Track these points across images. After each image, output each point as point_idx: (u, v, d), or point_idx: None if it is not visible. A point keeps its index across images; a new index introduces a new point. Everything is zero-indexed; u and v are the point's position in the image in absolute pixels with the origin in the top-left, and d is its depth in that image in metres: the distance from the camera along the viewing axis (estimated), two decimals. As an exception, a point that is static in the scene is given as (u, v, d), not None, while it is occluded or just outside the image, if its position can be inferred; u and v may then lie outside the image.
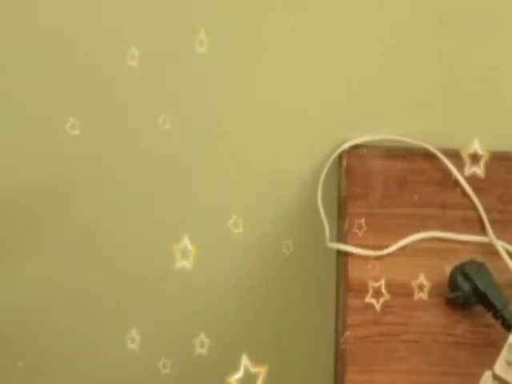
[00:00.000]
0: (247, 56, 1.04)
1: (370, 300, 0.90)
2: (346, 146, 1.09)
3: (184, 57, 1.05)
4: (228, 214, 1.21)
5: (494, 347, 0.79)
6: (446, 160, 1.06)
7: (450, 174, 1.05)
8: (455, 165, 1.05)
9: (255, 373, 0.80)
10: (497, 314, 0.87)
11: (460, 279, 0.90)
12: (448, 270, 0.92)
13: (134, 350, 1.44)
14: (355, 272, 0.95)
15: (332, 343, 0.93)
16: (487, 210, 1.01)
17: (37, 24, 1.02)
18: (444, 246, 0.98)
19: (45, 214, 1.24)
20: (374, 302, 0.90)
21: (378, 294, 0.92)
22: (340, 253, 0.98)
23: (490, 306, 0.88)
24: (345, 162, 1.07)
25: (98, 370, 1.48)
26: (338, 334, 0.92)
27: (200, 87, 1.08)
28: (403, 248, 0.98)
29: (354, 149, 1.09)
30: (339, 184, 1.06)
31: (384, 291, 0.90)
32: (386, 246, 0.97)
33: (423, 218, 1.01)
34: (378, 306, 0.90)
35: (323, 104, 1.08)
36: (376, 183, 1.05)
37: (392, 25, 1.00)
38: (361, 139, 1.09)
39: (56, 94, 1.09)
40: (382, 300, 0.90)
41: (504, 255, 0.96)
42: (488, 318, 0.88)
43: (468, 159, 0.89)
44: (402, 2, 0.97)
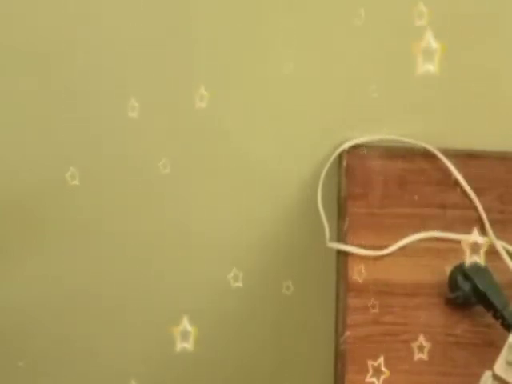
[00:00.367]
0: (247, 56, 1.04)
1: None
2: (346, 146, 1.09)
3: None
4: (228, 214, 1.21)
5: (493, 347, 0.79)
6: (445, 160, 1.06)
7: (450, 174, 1.05)
8: (455, 165, 1.05)
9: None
10: (497, 314, 0.87)
11: (460, 279, 0.90)
12: (448, 269, 0.92)
13: (134, 349, 1.45)
14: (355, 272, 0.95)
15: (332, 343, 0.93)
16: (487, 209, 1.01)
17: (37, 24, 1.02)
18: (444, 245, 0.98)
19: (45, 214, 1.24)
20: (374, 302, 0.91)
21: (377, 295, 0.92)
22: (340, 253, 0.98)
23: (489, 306, 0.88)
24: (345, 162, 1.07)
25: (98, 370, 1.48)
26: (337, 333, 0.92)
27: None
28: (403, 248, 0.98)
29: (354, 149, 1.09)
30: (339, 184, 1.06)
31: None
32: (385, 246, 0.97)
33: (423, 217, 1.01)
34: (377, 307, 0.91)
35: (323, 104, 1.08)
36: (376, 183, 1.05)
37: (392, 25, 1.00)
38: (361, 139, 1.09)
39: (56, 93, 1.09)
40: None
41: (504, 255, 0.96)
42: (488, 318, 0.88)
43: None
44: (402, 2, 0.97)
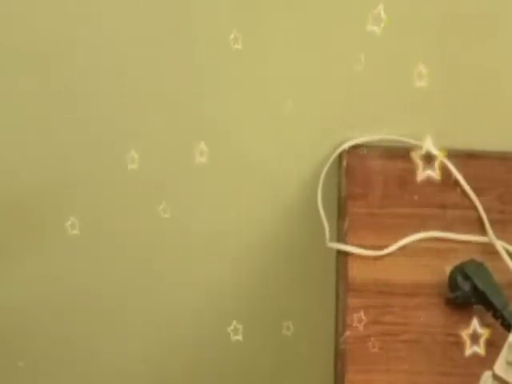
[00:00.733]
0: (248, 56, 1.04)
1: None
2: (346, 145, 1.09)
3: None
4: (228, 214, 1.21)
5: (493, 347, 0.79)
6: (445, 160, 1.06)
7: (450, 174, 1.05)
8: (455, 165, 1.05)
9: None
10: (496, 314, 0.87)
11: (460, 279, 0.90)
12: (448, 269, 0.92)
13: (134, 349, 1.45)
14: (355, 272, 0.95)
15: (332, 343, 0.93)
16: (487, 209, 1.01)
17: (37, 24, 1.02)
18: (444, 245, 0.98)
19: (45, 214, 1.24)
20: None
21: (377, 295, 0.92)
22: (340, 253, 0.98)
23: (489, 306, 0.88)
24: (345, 162, 1.07)
25: (98, 370, 1.48)
26: (337, 333, 0.92)
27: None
28: (403, 248, 0.98)
29: (354, 149, 1.09)
30: (339, 184, 1.06)
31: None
32: (385, 246, 0.97)
33: (423, 217, 1.01)
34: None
35: (323, 104, 1.08)
36: (376, 183, 1.05)
37: (392, 25, 1.00)
38: (361, 139, 1.09)
39: (56, 93, 1.09)
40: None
41: (504, 255, 0.96)
42: (488, 317, 0.88)
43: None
44: (401, 2, 0.97)
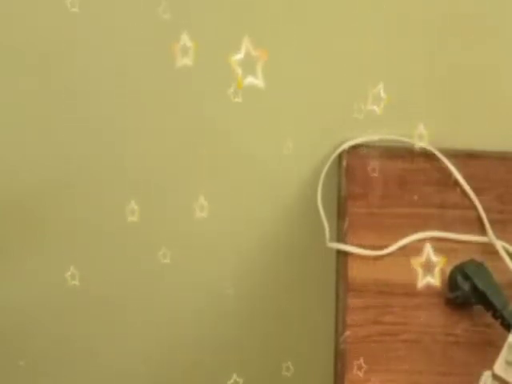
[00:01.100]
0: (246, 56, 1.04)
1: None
2: (346, 145, 1.09)
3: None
4: (228, 214, 1.21)
5: (493, 347, 0.79)
6: (445, 160, 1.06)
7: (450, 174, 1.05)
8: (455, 165, 1.05)
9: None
10: (496, 314, 0.87)
11: (459, 279, 0.90)
12: (448, 269, 0.92)
13: (134, 349, 1.45)
14: (355, 272, 0.95)
15: (332, 343, 0.93)
16: (487, 209, 1.01)
17: (37, 24, 1.02)
18: (444, 245, 0.98)
19: (45, 214, 1.24)
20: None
21: (377, 295, 0.92)
22: (340, 253, 0.98)
23: (489, 306, 0.88)
24: (345, 162, 1.07)
25: (98, 370, 1.48)
26: (337, 333, 0.92)
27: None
28: (403, 248, 0.98)
29: (354, 149, 1.09)
30: (339, 184, 1.06)
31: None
32: (385, 246, 0.97)
33: (423, 217, 1.01)
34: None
35: (323, 104, 1.08)
36: (376, 183, 1.05)
37: (392, 25, 1.00)
38: (361, 139, 1.09)
39: (56, 93, 1.09)
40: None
41: (504, 255, 0.96)
42: (487, 317, 0.88)
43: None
44: (402, 2, 0.97)
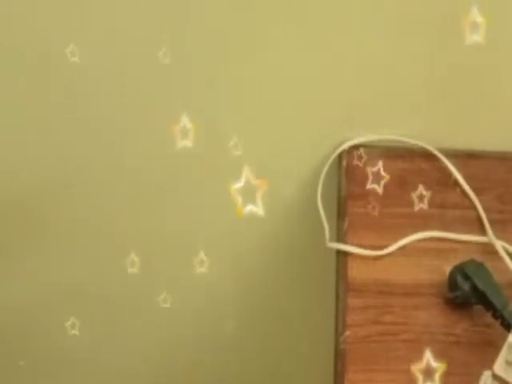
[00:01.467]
0: (246, 57, 1.04)
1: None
2: (346, 146, 1.09)
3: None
4: (228, 214, 1.21)
5: (493, 347, 0.79)
6: (445, 160, 1.06)
7: (450, 174, 1.05)
8: (455, 165, 1.05)
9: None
10: (496, 314, 0.87)
11: (459, 279, 0.90)
12: (448, 269, 0.92)
13: (134, 349, 1.45)
14: (355, 272, 0.95)
15: (332, 343, 0.93)
16: (487, 209, 1.01)
17: (37, 24, 1.02)
18: (444, 245, 0.98)
19: (45, 214, 1.24)
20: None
21: (377, 295, 0.92)
22: (340, 253, 0.98)
23: (489, 306, 0.88)
24: (345, 162, 1.07)
25: (98, 370, 1.48)
26: (337, 333, 0.92)
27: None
28: (403, 248, 0.98)
29: (354, 149, 1.09)
30: (339, 184, 1.06)
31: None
32: (385, 246, 0.97)
33: (423, 217, 1.01)
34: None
35: (323, 104, 1.08)
36: (376, 183, 1.05)
37: (392, 25, 1.00)
38: (361, 139, 1.09)
39: (56, 93, 1.09)
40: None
41: (503, 255, 0.96)
42: (487, 317, 0.88)
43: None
44: (402, 2, 0.97)
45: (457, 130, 1.08)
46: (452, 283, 0.91)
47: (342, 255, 0.98)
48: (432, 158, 1.07)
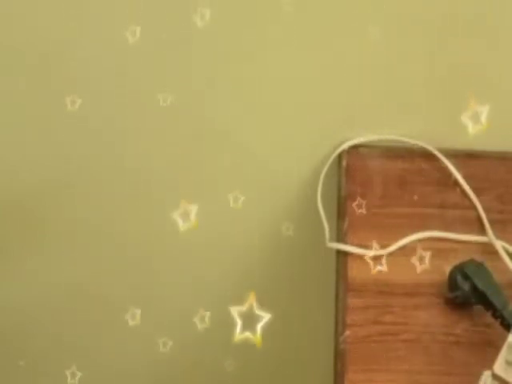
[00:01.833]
0: (247, 55, 1.04)
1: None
2: (346, 146, 1.09)
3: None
4: (228, 214, 1.21)
5: (493, 347, 0.79)
6: (445, 160, 1.06)
7: (450, 174, 1.05)
8: (455, 165, 1.05)
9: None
10: (496, 314, 0.87)
11: (459, 279, 0.90)
12: (448, 269, 0.92)
13: (134, 349, 1.45)
14: (355, 272, 0.95)
15: (332, 343, 0.93)
16: (487, 209, 1.01)
17: (37, 24, 1.02)
18: (444, 245, 0.98)
19: (45, 214, 1.24)
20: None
21: (377, 295, 0.92)
22: (340, 253, 0.98)
23: (489, 306, 0.88)
24: (344, 162, 1.07)
25: (98, 371, 1.48)
26: (337, 333, 0.92)
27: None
28: (403, 248, 0.98)
29: (354, 149, 1.09)
30: (339, 184, 1.06)
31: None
32: (385, 246, 0.97)
33: (423, 217, 1.01)
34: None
35: (323, 104, 1.08)
36: (376, 183, 1.05)
37: (392, 25, 1.00)
38: (361, 139, 1.09)
39: (56, 94, 1.09)
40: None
41: (503, 255, 0.96)
42: (487, 317, 0.88)
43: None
44: (402, 2, 0.97)
45: (457, 129, 1.08)
46: (452, 283, 0.91)
47: (341, 255, 0.98)
48: (432, 158, 1.07)
